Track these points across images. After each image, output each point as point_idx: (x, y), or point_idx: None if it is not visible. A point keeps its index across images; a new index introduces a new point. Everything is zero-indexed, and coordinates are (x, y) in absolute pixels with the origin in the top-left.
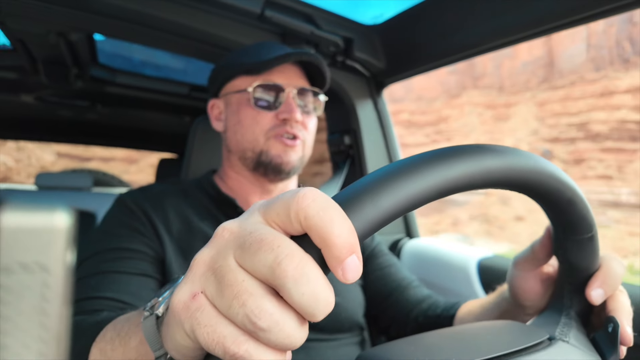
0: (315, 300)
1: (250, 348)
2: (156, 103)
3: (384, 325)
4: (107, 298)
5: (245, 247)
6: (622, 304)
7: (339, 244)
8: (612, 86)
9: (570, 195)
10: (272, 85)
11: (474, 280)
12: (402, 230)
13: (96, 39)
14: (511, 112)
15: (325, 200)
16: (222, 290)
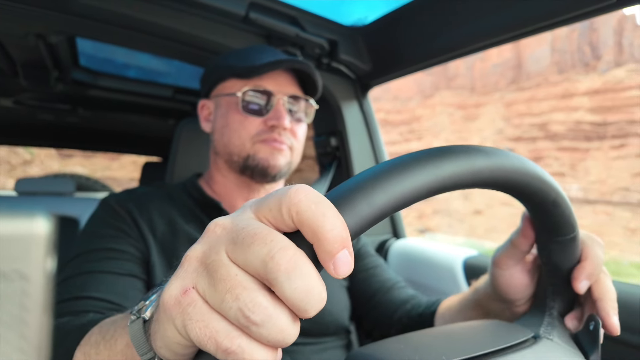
0: (308, 294)
1: (243, 343)
2: (140, 106)
3: (368, 327)
4: (94, 298)
5: (238, 241)
6: (606, 289)
7: (331, 238)
8: (572, 88)
9: (554, 197)
10: (262, 90)
11: (460, 279)
12: (389, 231)
13: (77, 41)
14: (480, 112)
15: (317, 196)
16: (215, 284)
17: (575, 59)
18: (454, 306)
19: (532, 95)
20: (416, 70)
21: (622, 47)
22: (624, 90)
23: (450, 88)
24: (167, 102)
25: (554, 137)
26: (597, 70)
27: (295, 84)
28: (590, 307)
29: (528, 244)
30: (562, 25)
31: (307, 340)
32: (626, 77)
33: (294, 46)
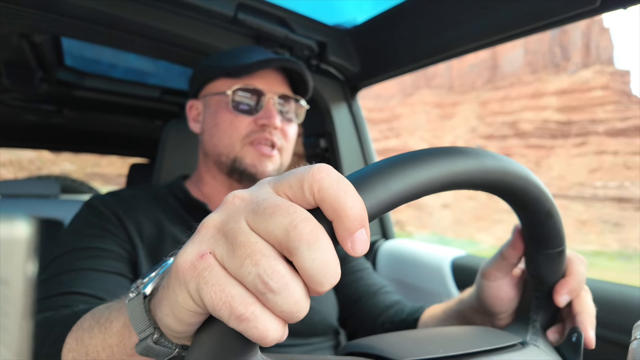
0: (326, 267)
1: (257, 311)
2: (126, 107)
3: (351, 330)
4: (82, 294)
5: (259, 211)
6: (586, 305)
7: (351, 216)
8: (542, 88)
9: (549, 208)
10: (252, 89)
11: (448, 280)
12: (378, 232)
13: (63, 41)
14: (456, 110)
15: (339, 175)
16: (234, 250)
17: (547, 60)
18: (438, 315)
19: (506, 94)
20: (404, 73)
21: (589, 50)
22: (589, 90)
23: (430, 87)
24: (154, 103)
25: (522, 135)
26: (566, 71)
27: (286, 84)
28: (571, 322)
29: (517, 256)
30: (546, 29)
31: (295, 342)
32: (592, 79)
33: (282, 47)
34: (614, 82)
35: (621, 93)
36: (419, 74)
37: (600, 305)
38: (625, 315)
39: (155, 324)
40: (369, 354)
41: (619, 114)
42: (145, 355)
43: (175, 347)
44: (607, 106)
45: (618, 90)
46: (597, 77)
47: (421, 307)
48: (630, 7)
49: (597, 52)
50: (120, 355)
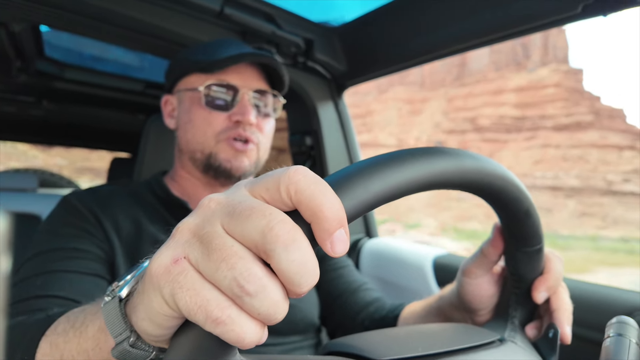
0: (304, 268)
1: (234, 314)
2: (108, 100)
3: (332, 327)
4: (57, 297)
5: (235, 214)
6: (563, 302)
7: (329, 217)
8: (503, 85)
9: (527, 207)
10: (226, 85)
11: (430, 278)
12: (361, 230)
13: (42, 31)
14: (425, 106)
15: (316, 176)
16: (209, 254)
17: (510, 58)
18: (417, 312)
19: (470, 91)
20: (391, 72)
21: (547, 49)
22: (543, 88)
23: (403, 84)
24: (137, 97)
25: (480, 130)
26: (526, 69)
27: (262, 78)
28: (549, 318)
29: (497, 254)
30: (529, 33)
31: (277, 340)
32: (547, 76)
33: (269, 44)
34: (567, 80)
35: (572, 90)
36: None
37: (576, 304)
38: (599, 314)
39: (131, 327)
40: (349, 354)
41: (565, 110)
42: (122, 359)
43: (152, 350)
44: (557, 103)
45: (569, 87)
46: (551, 75)
47: (401, 304)
48: (609, 14)
49: (554, 51)
50: (96, 359)
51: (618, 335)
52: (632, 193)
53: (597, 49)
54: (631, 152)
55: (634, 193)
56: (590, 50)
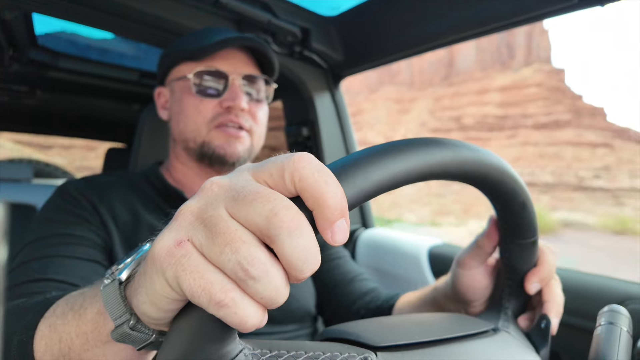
0: (306, 254)
1: (237, 297)
2: (103, 89)
3: (328, 317)
4: (55, 280)
5: (239, 198)
6: (554, 294)
7: (332, 206)
8: (488, 85)
9: (523, 199)
10: (215, 71)
11: (425, 267)
12: (358, 221)
13: (35, 19)
14: (413, 106)
15: (320, 164)
16: (213, 238)
17: (495, 58)
18: (412, 302)
19: (457, 90)
20: (388, 62)
21: (531, 49)
22: (526, 87)
23: (393, 83)
24: (132, 86)
25: (464, 129)
26: (511, 69)
27: (251, 63)
28: (540, 309)
29: (492, 246)
30: (526, 23)
31: (273, 329)
32: (530, 76)
33: (265, 33)
34: (549, 79)
35: (554, 89)
36: (384, 70)
37: (569, 293)
38: (591, 303)
39: (131, 310)
40: (346, 340)
41: (545, 109)
42: (122, 342)
43: (152, 333)
44: (538, 102)
45: (551, 87)
46: (534, 74)
47: (396, 294)
48: (607, 4)
49: (538, 51)
50: (95, 342)
51: (609, 324)
52: (600, 188)
53: (580, 49)
54: (604, 149)
55: (603, 188)
56: (573, 50)
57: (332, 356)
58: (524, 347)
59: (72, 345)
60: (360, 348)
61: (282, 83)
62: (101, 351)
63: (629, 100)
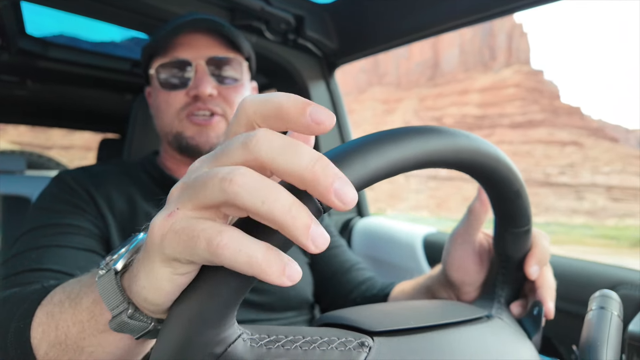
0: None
1: (234, 234)
2: (95, 79)
3: (325, 305)
4: (52, 270)
5: (224, 152)
6: (547, 280)
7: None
8: (470, 86)
9: (518, 188)
10: (175, 61)
11: (420, 255)
12: (353, 210)
13: (24, 8)
14: (398, 106)
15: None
16: (202, 186)
17: (477, 59)
18: (407, 290)
19: (441, 91)
20: (383, 50)
21: (511, 51)
22: (504, 88)
23: (381, 84)
24: (124, 76)
25: None
26: (492, 70)
27: (217, 44)
28: (533, 296)
29: (484, 210)
30: (521, 9)
31: (271, 316)
32: (509, 77)
33: (259, 20)
34: (528, 80)
35: (531, 90)
36: (372, 72)
37: (561, 279)
38: (583, 288)
39: (129, 299)
40: (344, 325)
41: (521, 109)
42: (120, 331)
43: (150, 322)
44: (515, 102)
45: (529, 87)
46: (513, 75)
47: (392, 283)
48: None
49: (518, 53)
50: (91, 330)
51: (600, 309)
52: (565, 184)
53: (560, 49)
54: (573, 147)
55: (567, 184)
56: (553, 51)
57: (330, 340)
58: (516, 334)
59: (69, 333)
60: (357, 333)
61: (276, 72)
62: (97, 340)
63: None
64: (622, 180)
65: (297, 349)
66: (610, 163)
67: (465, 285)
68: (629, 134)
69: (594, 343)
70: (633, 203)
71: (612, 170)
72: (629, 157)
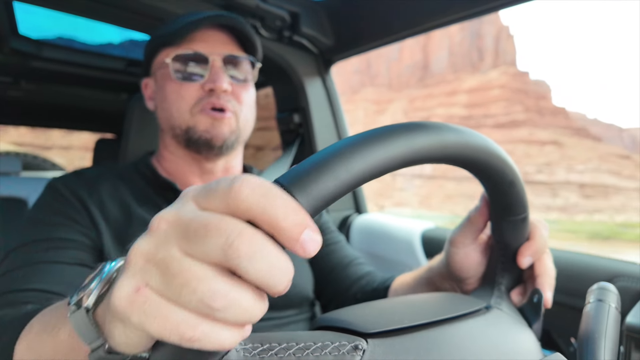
0: (274, 272)
1: (207, 328)
2: (89, 79)
3: (324, 302)
4: (37, 290)
5: (190, 235)
6: (546, 268)
7: (288, 227)
8: (458, 87)
9: (512, 177)
10: (193, 54)
11: (418, 251)
12: (351, 207)
13: (16, 8)
14: (389, 107)
15: (264, 185)
16: (169, 281)
17: (466, 61)
18: (408, 282)
19: (430, 92)
20: (379, 46)
21: (498, 53)
22: (490, 89)
23: (373, 85)
24: (119, 75)
25: None
26: (480, 71)
27: (233, 44)
28: (532, 283)
29: (483, 221)
30: (517, 3)
31: (272, 315)
32: (495, 78)
33: (253, 17)
34: (513, 81)
35: (517, 91)
36: (364, 73)
37: (559, 272)
38: (581, 281)
39: (104, 336)
40: (339, 328)
41: (505, 109)
42: None
43: (130, 356)
44: (500, 103)
45: (514, 88)
46: (500, 77)
47: (391, 276)
48: None
49: (504, 55)
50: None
51: (598, 301)
52: (541, 182)
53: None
54: (552, 146)
55: (543, 182)
56: (539, 53)
57: (323, 345)
58: (516, 323)
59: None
60: (352, 335)
61: (271, 69)
62: None
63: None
64: (594, 178)
65: (290, 357)
66: (587, 162)
67: (468, 278)
68: (622, 132)
69: (592, 335)
70: (602, 200)
71: (586, 169)
72: (610, 156)
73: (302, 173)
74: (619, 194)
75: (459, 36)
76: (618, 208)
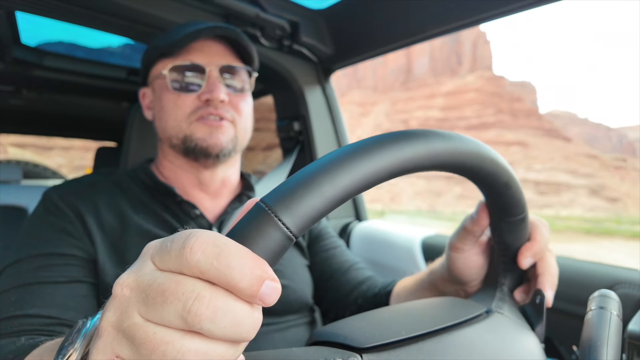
0: (240, 327)
1: None
2: (91, 88)
3: (325, 307)
4: (30, 315)
5: (149, 302)
6: (548, 266)
7: (246, 287)
8: (437, 90)
9: (507, 179)
10: (190, 65)
11: (418, 258)
12: (351, 214)
13: (18, 18)
14: (373, 109)
15: (217, 245)
16: (137, 349)
17: (445, 66)
18: (410, 287)
19: (411, 95)
20: (377, 55)
21: (476, 58)
22: (466, 92)
23: (359, 88)
24: (120, 84)
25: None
26: (458, 75)
27: (229, 54)
28: (535, 282)
29: (480, 230)
30: (516, 11)
31: (272, 320)
32: (471, 82)
33: (253, 27)
34: (488, 85)
35: (491, 94)
36: (351, 76)
37: (559, 279)
38: (582, 289)
39: None
40: (334, 342)
41: (477, 112)
42: None
43: None
44: (474, 106)
45: (488, 91)
46: (475, 80)
47: (393, 280)
48: None
49: (481, 60)
50: None
51: (600, 308)
52: None
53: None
54: (517, 147)
55: None
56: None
57: None
58: (518, 327)
59: None
60: (346, 351)
61: (272, 77)
62: None
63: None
64: (549, 176)
65: None
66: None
67: (470, 281)
68: (610, 132)
69: (594, 343)
70: (554, 196)
71: (544, 168)
72: (577, 155)
73: (286, 192)
74: (569, 191)
75: (439, 42)
76: (565, 203)
